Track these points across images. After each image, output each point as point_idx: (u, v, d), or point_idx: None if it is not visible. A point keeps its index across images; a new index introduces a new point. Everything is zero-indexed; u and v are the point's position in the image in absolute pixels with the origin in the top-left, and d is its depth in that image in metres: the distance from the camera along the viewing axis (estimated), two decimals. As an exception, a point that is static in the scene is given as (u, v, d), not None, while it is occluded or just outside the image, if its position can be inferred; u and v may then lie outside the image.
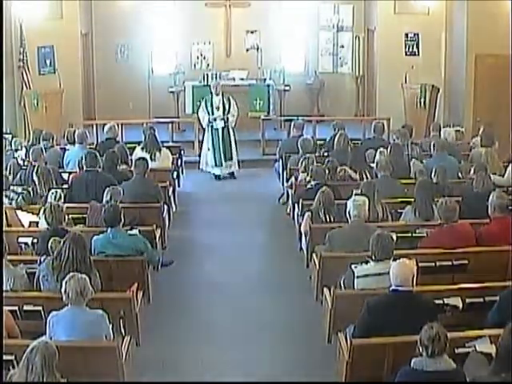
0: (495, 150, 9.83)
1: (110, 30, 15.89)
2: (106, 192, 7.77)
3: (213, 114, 12.32)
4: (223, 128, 12.37)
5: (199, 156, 12.94)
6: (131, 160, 10.18)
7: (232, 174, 12.65)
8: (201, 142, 12.95)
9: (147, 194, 8.75)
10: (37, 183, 8.48)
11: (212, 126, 12.38)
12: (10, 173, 9.05)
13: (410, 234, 7.38)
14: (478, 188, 7.92)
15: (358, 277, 6.03)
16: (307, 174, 9.07)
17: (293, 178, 9.78)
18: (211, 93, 12.48)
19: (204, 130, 12.68)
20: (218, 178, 12.54)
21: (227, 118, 12.35)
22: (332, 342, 6.25)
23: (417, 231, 7.41)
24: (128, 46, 16.15)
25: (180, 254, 8.91)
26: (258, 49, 16.13)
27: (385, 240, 5.98)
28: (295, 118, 12.67)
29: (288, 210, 10.06)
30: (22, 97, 13.27)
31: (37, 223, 7.86)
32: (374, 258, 6.00)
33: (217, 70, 15.73)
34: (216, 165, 12.47)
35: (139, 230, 7.45)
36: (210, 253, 9.05)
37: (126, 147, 10.37)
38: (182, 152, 12.32)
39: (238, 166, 12.65)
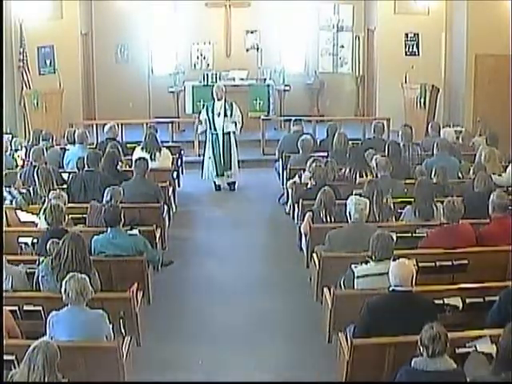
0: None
1: (110, 30, 15.90)
2: (106, 192, 7.79)
3: (213, 119, 11.62)
4: (223, 135, 11.64)
5: (199, 156, 12.88)
6: (129, 160, 10.18)
7: (232, 185, 12.01)
8: (203, 145, 12.27)
9: (147, 194, 8.76)
10: (37, 183, 8.48)
11: (212, 134, 11.71)
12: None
13: (410, 234, 7.37)
14: (479, 188, 7.92)
15: (357, 277, 6.03)
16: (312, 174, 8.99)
17: (296, 177, 9.72)
18: (213, 98, 11.71)
19: (205, 136, 11.94)
20: (218, 188, 11.96)
21: (235, 124, 11.62)
22: (332, 342, 6.25)
23: (417, 231, 7.41)
24: (128, 46, 16.14)
25: (180, 254, 8.91)
26: (257, 49, 16.11)
27: (385, 240, 5.99)
28: (295, 118, 12.63)
29: (288, 210, 10.06)
30: (22, 97, 13.27)
31: (35, 224, 7.86)
32: (374, 258, 6.01)
33: (217, 69, 15.73)
34: (217, 175, 11.84)
35: (139, 230, 7.45)
36: (210, 253, 9.05)
37: (118, 146, 10.32)
38: (182, 152, 12.27)
39: (238, 166, 12.06)
